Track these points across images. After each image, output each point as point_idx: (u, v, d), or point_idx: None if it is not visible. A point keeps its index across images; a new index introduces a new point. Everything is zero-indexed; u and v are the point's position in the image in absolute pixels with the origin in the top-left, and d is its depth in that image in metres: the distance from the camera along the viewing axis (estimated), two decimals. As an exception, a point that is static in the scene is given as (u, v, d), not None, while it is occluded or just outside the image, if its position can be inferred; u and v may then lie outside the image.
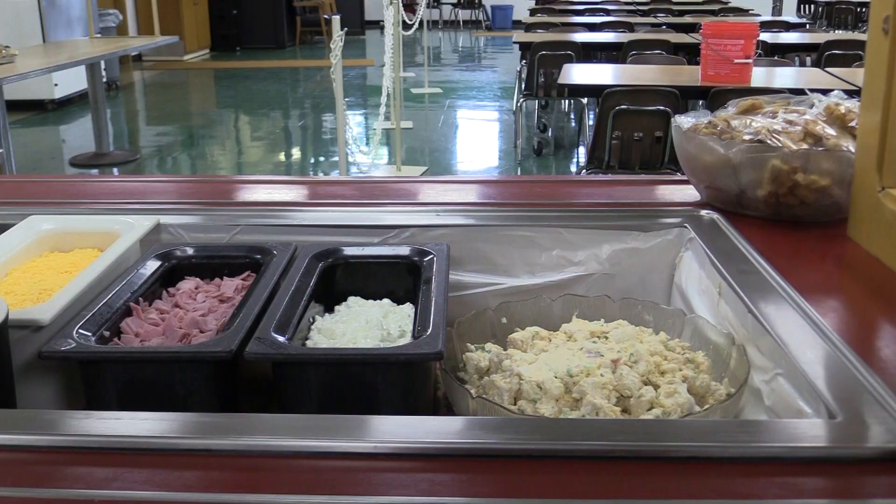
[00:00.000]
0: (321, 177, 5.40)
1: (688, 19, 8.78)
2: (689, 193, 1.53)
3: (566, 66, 5.22)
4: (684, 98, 4.21)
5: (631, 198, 1.55)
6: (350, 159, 5.83)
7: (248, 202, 1.57)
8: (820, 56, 6.04)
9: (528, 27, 8.34)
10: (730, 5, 10.58)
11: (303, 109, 10.01)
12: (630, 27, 7.89)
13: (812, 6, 14.82)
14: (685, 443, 0.80)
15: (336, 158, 7.27)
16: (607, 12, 10.09)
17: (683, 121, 1.46)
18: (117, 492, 0.73)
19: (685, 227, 1.39)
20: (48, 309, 1.07)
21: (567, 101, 8.20)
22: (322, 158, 7.59)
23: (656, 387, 1.04)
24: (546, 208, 1.49)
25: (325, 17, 15.64)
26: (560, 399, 1.01)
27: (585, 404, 1.00)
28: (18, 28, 9.04)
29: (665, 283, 1.40)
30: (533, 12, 10.41)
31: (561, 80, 4.79)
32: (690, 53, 6.21)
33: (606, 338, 1.15)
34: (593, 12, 10.20)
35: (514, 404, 1.03)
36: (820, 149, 1.31)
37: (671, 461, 0.78)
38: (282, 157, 7.71)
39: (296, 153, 7.89)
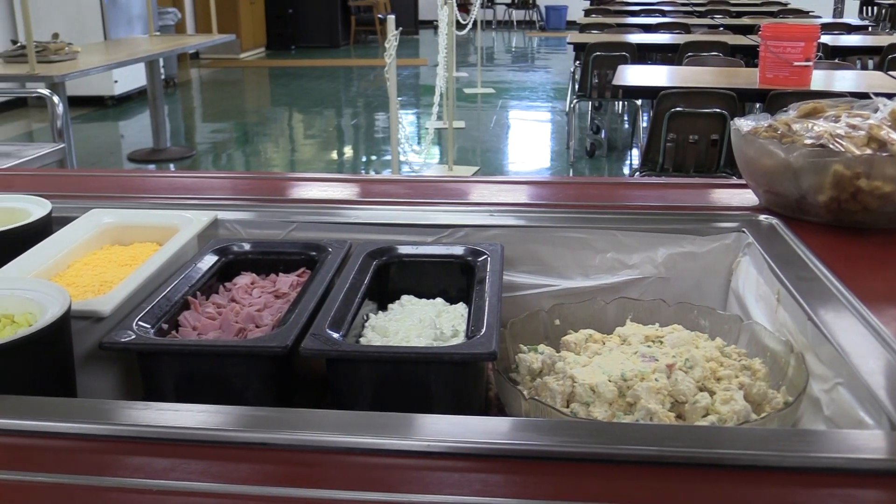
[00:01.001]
0: (375, 175, 5.43)
1: (746, 21, 8.64)
2: (747, 198, 1.51)
3: (621, 68, 5.17)
4: (741, 101, 4.14)
5: (687, 201, 1.53)
6: (402, 158, 5.85)
7: (303, 199, 1.58)
8: (883, 59, 5.89)
9: (583, 28, 8.29)
10: (789, 7, 10.40)
11: (355, 108, 10.07)
12: (686, 28, 7.79)
13: (875, 8, 14.49)
14: (742, 451, 0.79)
15: (388, 157, 7.31)
16: (663, 13, 9.98)
17: (743, 124, 1.44)
18: (175, 482, 0.74)
19: (743, 231, 1.37)
20: (109, 301, 1.09)
21: (621, 102, 8.14)
22: (374, 157, 7.63)
23: (712, 393, 1.02)
24: (600, 210, 1.48)
25: (380, 16, 15.73)
26: (613, 403, 1.01)
27: (639, 409, 0.99)
28: (81, 26, 9.25)
29: (721, 288, 1.38)
30: (588, 13, 10.34)
31: (615, 82, 4.75)
32: (748, 55, 6.11)
33: (661, 342, 1.14)
34: (649, 13, 10.10)
35: (567, 407, 1.02)
36: (884, 154, 1.28)
37: (727, 469, 0.77)
38: (334, 155, 7.76)
39: (348, 151, 7.94)
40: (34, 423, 0.84)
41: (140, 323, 1.05)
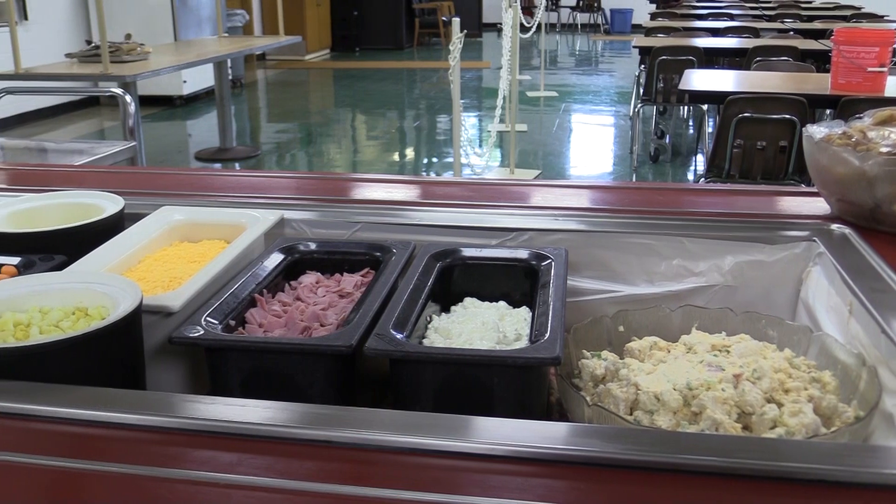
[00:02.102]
0: (438, 177, 5.45)
1: (817, 25, 8.46)
2: (818, 206, 1.48)
3: (687, 72, 5.11)
4: (812, 107, 4.05)
5: (755, 209, 1.50)
6: (463, 161, 5.86)
7: (367, 200, 1.60)
8: (961, 65, 5.71)
9: (649, 31, 8.20)
10: (863, 11, 10.14)
11: (418, 110, 10.12)
12: (755, 32, 7.66)
13: (953, 13, 14.05)
14: (811, 465, 0.77)
15: (449, 159, 7.32)
16: (731, 17, 9.82)
17: (815, 131, 1.41)
18: (241, 476, 0.75)
19: (814, 240, 1.34)
20: (178, 296, 1.11)
21: (686, 107, 8.03)
22: (435, 159, 7.65)
23: (780, 405, 1.00)
24: (666, 216, 1.46)
25: (444, 19, 15.79)
26: (678, 412, 0.99)
27: (705, 419, 0.97)
28: (152, 27, 9.46)
29: (790, 298, 1.36)
30: (654, 16, 10.23)
31: (681, 86, 4.69)
32: (819, 61, 5.98)
33: (728, 352, 1.12)
34: (716, 17, 9.95)
35: (630, 414, 1.01)
36: (965, 163, 1.24)
37: (796, 483, 0.75)
38: (396, 156, 7.81)
39: (410, 153, 7.98)
40: (105, 414, 0.86)
41: (208, 319, 1.07)
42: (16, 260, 1.27)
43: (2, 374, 0.92)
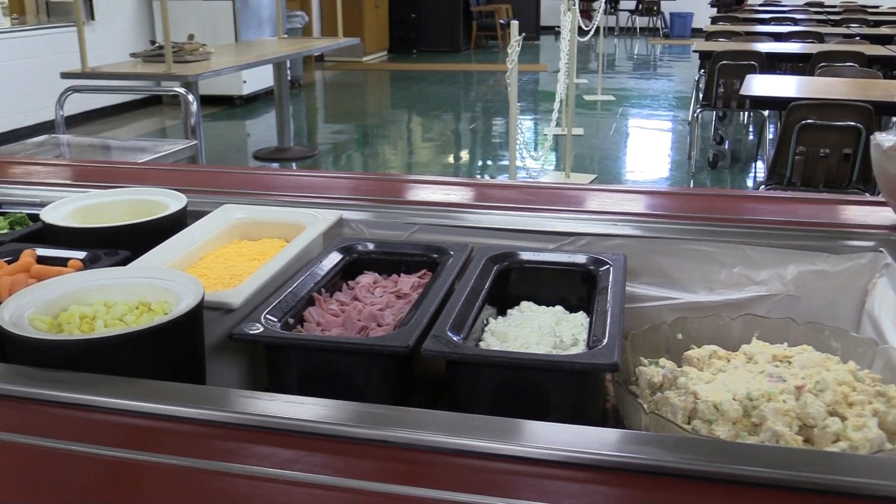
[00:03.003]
0: (496, 180, 5.45)
1: (884, 30, 8.26)
2: (885, 216, 1.44)
3: (749, 77, 5.03)
4: (878, 114, 3.96)
5: (819, 217, 1.48)
6: (519, 164, 5.84)
7: (425, 202, 1.60)
8: None
9: (709, 36, 8.09)
10: (932, 16, 9.88)
11: (474, 112, 10.12)
12: (819, 37, 7.51)
13: None
14: (876, 481, 0.75)
15: (504, 162, 7.31)
16: (795, 21, 9.65)
17: (884, 138, 1.37)
18: (299, 474, 0.76)
19: (880, 251, 1.31)
20: (238, 293, 1.13)
21: (746, 113, 7.90)
22: (490, 162, 7.64)
23: (843, 419, 0.98)
24: (727, 224, 1.43)
25: (501, 21, 15.77)
26: (737, 422, 0.98)
27: (765, 430, 0.95)
28: (214, 28, 9.62)
29: (855, 309, 1.32)
30: (714, 20, 10.09)
31: (742, 92, 4.62)
32: (886, 67, 5.84)
33: (790, 363, 1.10)
34: (779, 21, 9.78)
35: (688, 423, 1.00)
36: None
37: (859, 499, 0.74)
38: (451, 158, 7.82)
39: (464, 155, 7.98)
40: (166, 408, 0.88)
41: (268, 316, 1.08)
42: (82, 254, 1.30)
43: (67, 365, 0.95)
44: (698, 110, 6.76)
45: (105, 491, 0.79)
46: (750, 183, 6.70)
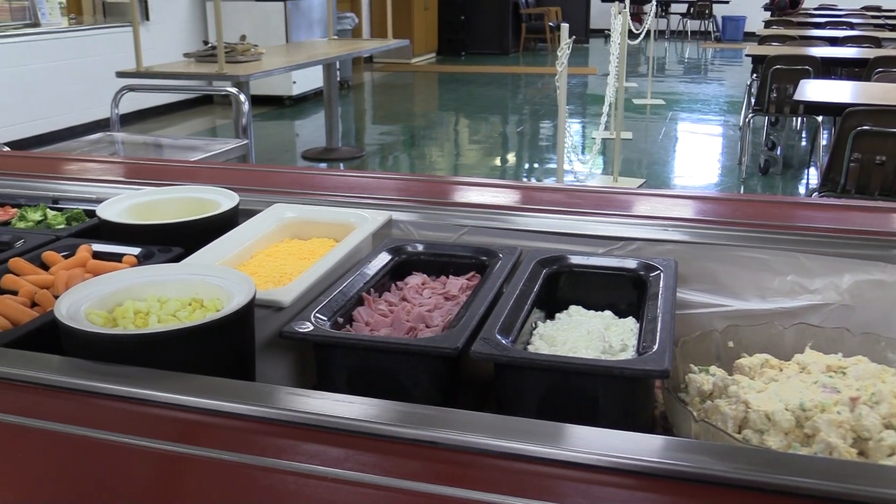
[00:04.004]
0: (544, 183, 5.43)
1: (944, 36, 8.07)
2: (945, 225, 1.41)
3: (803, 82, 4.95)
4: (937, 121, 3.86)
5: (875, 226, 1.44)
6: (566, 167, 5.82)
7: (473, 204, 1.60)
8: None
9: (762, 39, 7.98)
10: None
11: (521, 115, 10.10)
12: (877, 42, 7.36)
13: None
14: (934, 496, 0.73)
15: (551, 165, 7.28)
16: (851, 26, 9.47)
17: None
18: (348, 472, 0.76)
19: (939, 261, 1.27)
20: (289, 292, 1.14)
21: (799, 118, 7.77)
22: (537, 165, 7.62)
23: (900, 432, 0.96)
24: (781, 231, 1.41)
25: (551, 24, 15.72)
26: (790, 433, 0.96)
27: (818, 441, 0.94)
28: (265, 29, 9.73)
29: (913, 320, 1.29)
30: (768, 24, 9.95)
31: (797, 97, 4.54)
32: (946, 73, 5.70)
33: (844, 373, 1.08)
34: (835, 25, 9.61)
35: (739, 433, 0.99)
36: None
37: (918, 514, 0.72)
38: (497, 161, 7.81)
39: (511, 158, 7.97)
40: (217, 403, 0.89)
41: (317, 315, 1.09)
42: (136, 251, 1.33)
43: (121, 359, 0.96)
44: (750, 115, 6.67)
45: (156, 483, 0.80)
46: (802, 190, 6.59)
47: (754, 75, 7.01)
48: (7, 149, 2.66)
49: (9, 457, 0.83)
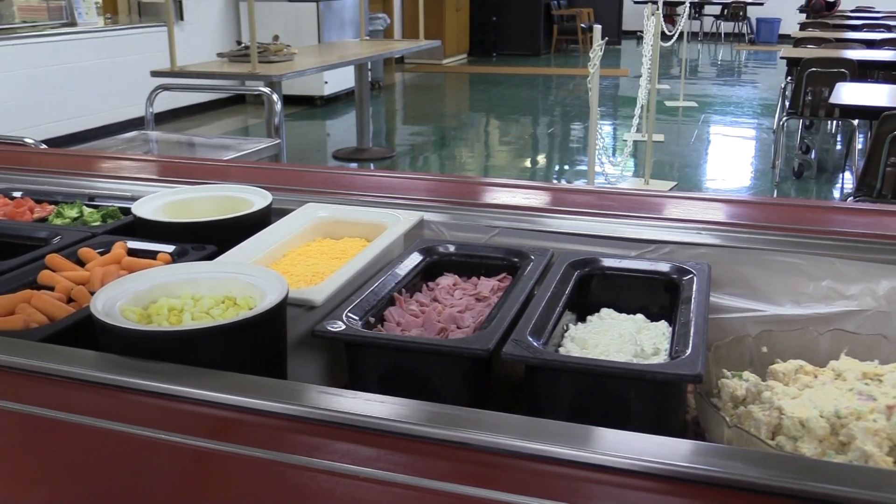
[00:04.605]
0: (576, 185, 5.41)
1: (984, 39, 7.93)
2: None
3: (839, 85, 4.89)
4: (976, 126, 3.80)
5: (913, 231, 1.42)
6: (597, 169, 5.79)
7: (505, 205, 1.60)
8: None
9: (797, 42, 7.90)
10: None
11: (552, 117, 10.07)
12: (914, 45, 7.25)
13: None
14: (975, 508, 0.72)
15: (581, 167, 7.26)
16: (888, 28, 9.33)
17: None
18: (379, 472, 0.77)
19: (979, 268, 1.25)
20: (321, 291, 1.15)
21: (834, 122, 7.68)
22: (567, 167, 7.60)
23: (937, 441, 0.94)
24: (816, 235, 1.40)
25: (583, 25, 15.66)
26: (824, 440, 0.95)
27: (854, 449, 0.92)
28: (298, 29, 9.79)
29: (951, 328, 1.27)
30: (803, 26, 9.84)
31: (832, 100, 4.49)
32: None
33: (880, 381, 1.06)
34: (872, 28, 9.48)
35: (772, 439, 0.98)
36: None
37: (957, 526, 0.71)
38: (528, 162, 7.80)
39: (542, 160, 7.95)
40: (249, 401, 0.89)
41: (349, 315, 1.09)
42: (170, 248, 1.34)
43: (155, 355, 0.97)
44: (784, 118, 6.60)
45: (188, 479, 0.81)
46: (836, 194, 6.51)
47: (789, 78, 6.94)
48: (44, 146, 2.70)
49: (44, 450, 0.85)
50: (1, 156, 2.14)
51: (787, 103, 6.55)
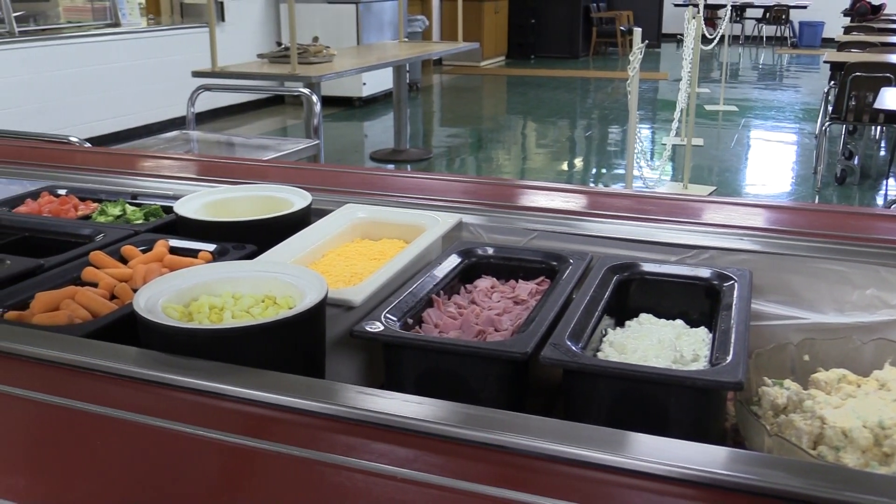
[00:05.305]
0: (614, 189, 5.38)
1: None
2: None
3: (883, 90, 4.82)
4: None
5: (961, 240, 1.39)
6: (635, 173, 5.75)
7: (543, 208, 1.59)
8: None
9: (841, 46, 7.79)
10: None
11: (590, 120, 10.03)
12: (962, 50, 7.12)
13: None
14: None
15: (619, 171, 7.21)
16: (935, 33, 9.17)
17: None
18: (417, 473, 0.77)
19: None
20: (360, 291, 1.15)
21: (878, 127, 7.55)
22: (604, 170, 7.55)
23: (985, 454, 0.92)
24: (860, 243, 1.37)
25: (622, 28, 15.57)
26: (867, 451, 0.93)
27: (898, 461, 0.91)
28: (337, 30, 9.85)
29: None
30: (847, 30, 9.70)
31: (876, 105, 4.43)
32: None
33: (926, 392, 1.04)
34: (918, 33, 9.31)
35: (814, 449, 0.96)
36: None
37: None
38: (565, 165, 7.77)
39: (579, 163, 7.92)
40: (289, 399, 0.90)
41: (388, 316, 1.09)
42: (211, 247, 1.35)
43: (196, 352, 0.98)
44: (827, 123, 6.50)
45: (226, 476, 0.82)
46: (880, 201, 6.40)
47: (832, 82, 6.84)
48: (88, 145, 2.74)
49: (85, 444, 0.86)
50: (46, 154, 2.18)
51: (829, 108, 6.46)
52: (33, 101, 7.12)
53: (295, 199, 1.51)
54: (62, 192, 1.72)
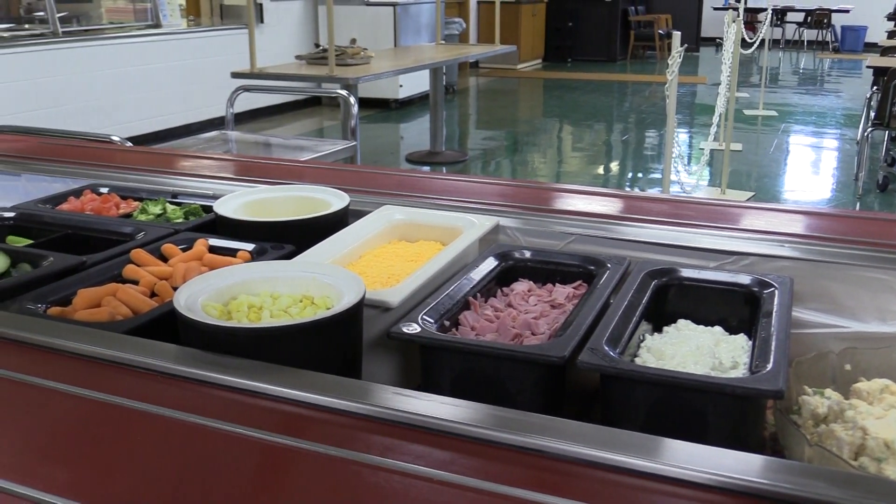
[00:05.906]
0: (652, 194, 5.34)
1: None
2: None
3: (928, 96, 4.72)
4: None
5: None
6: (672, 178, 5.71)
7: (580, 212, 1.58)
8: None
9: (885, 51, 7.66)
10: None
11: (627, 124, 9.97)
12: None
13: None
14: None
15: (655, 175, 7.16)
16: (982, 38, 8.99)
17: None
18: (454, 476, 0.77)
19: None
20: (397, 293, 1.15)
21: (921, 134, 7.43)
22: (640, 175, 7.50)
23: None
24: (905, 251, 1.35)
25: (660, 32, 15.47)
26: (911, 463, 0.92)
27: (942, 474, 0.89)
28: (375, 32, 9.90)
29: None
30: (891, 34, 9.54)
31: (920, 111, 4.34)
32: None
33: (971, 404, 1.02)
34: (964, 38, 9.14)
35: (855, 460, 0.95)
36: None
37: None
38: (601, 169, 7.73)
39: (615, 167, 7.87)
40: (326, 399, 0.91)
41: (425, 317, 1.10)
42: (250, 247, 1.37)
43: (235, 351, 0.99)
44: (869, 129, 6.40)
45: (262, 473, 0.82)
46: (923, 209, 6.29)
47: (875, 88, 6.73)
48: (130, 144, 2.78)
49: (123, 439, 0.87)
50: (89, 153, 2.21)
51: (872, 114, 6.36)
52: (76, 101, 7.24)
53: (333, 199, 1.52)
54: (104, 190, 1.75)
